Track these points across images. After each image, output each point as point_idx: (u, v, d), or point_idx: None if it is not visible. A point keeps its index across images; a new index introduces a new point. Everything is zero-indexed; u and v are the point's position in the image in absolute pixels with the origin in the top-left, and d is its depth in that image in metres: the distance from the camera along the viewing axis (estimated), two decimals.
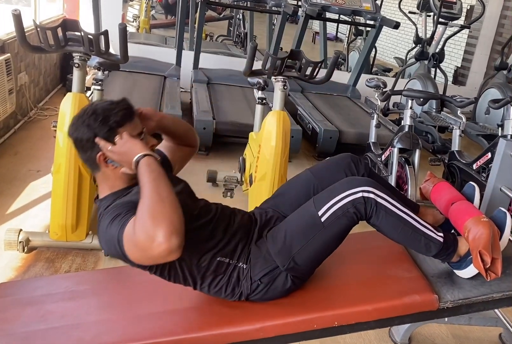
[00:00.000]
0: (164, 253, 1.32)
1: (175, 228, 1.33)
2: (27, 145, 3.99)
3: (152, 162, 1.46)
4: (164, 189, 1.40)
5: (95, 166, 1.58)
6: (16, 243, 2.58)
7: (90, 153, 1.55)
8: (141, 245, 1.34)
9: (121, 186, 1.59)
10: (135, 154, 1.48)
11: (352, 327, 1.70)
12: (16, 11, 2.33)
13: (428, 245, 1.70)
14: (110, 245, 1.47)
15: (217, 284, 1.66)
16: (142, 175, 1.44)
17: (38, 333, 1.68)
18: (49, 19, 5.50)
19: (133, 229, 1.36)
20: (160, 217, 1.33)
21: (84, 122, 1.53)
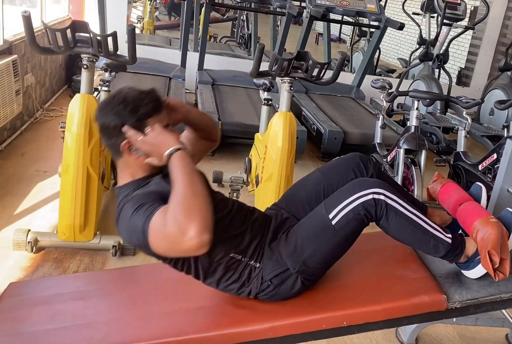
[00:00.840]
0: (194, 248, 1.33)
1: (207, 224, 1.34)
2: (33, 146, 4.01)
3: (185, 157, 1.47)
4: (198, 184, 1.42)
5: (118, 153, 1.59)
6: (25, 243, 2.59)
7: (116, 140, 1.55)
8: (171, 237, 1.34)
9: (141, 175, 1.60)
10: (168, 148, 1.48)
11: (360, 327, 1.70)
12: (26, 13, 2.34)
13: (437, 246, 1.71)
14: (132, 234, 1.47)
15: (227, 279, 1.66)
16: (176, 168, 1.45)
17: (48, 332, 1.69)
18: (55, 20, 5.52)
19: (163, 221, 1.36)
20: (193, 211, 1.34)
21: (113, 109, 1.53)
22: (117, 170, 1.66)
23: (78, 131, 2.55)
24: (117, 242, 2.65)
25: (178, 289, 1.88)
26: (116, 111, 1.53)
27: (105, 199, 3.22)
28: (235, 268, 1.65)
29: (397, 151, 3.32)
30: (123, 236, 1.56)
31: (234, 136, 4.35)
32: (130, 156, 1.57)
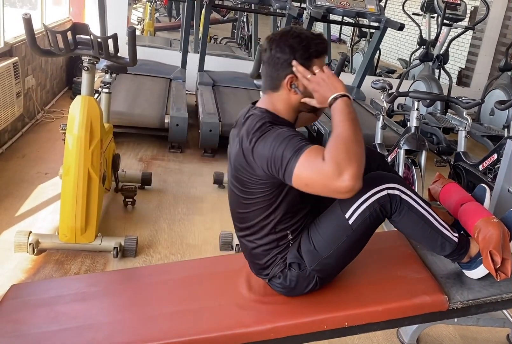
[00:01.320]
0: (344, 189, 1.35)
1: (361, 172, 1.37)
2: (34, 148, 4.02)
3: (351, 104, 1.51)
4: (360, 133, 1.45)
5: (276, 86, 1.60)
6: (26, 245, 2.59)
7: (281, 72, 1.57)
8: (326, 173, 1.36)
9: (284, 116, 1.61)
10: (335, 91, 1.51)
11: (362, 328, 1.71)
12: (27, 15, 2.35)
13: (444, 244, 1.71)
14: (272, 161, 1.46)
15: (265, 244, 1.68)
16: (341, 112, 1.48)
17: (50, 334, 1.69)
18: (55, 22, 5.53)
19: (320, 156, 1.38)
20: (355, 156, 1.37)
21: (287, 42, 1.55)
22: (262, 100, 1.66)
23: (79, 133, 2.55)
24: (118, 244, 2.66)
25: (179, 290, 1.89)
26: (290, 44, 1.55)
27: (106, 201, 3.22)
28: (280, 245, 1.67)
29: (397, 152, 3.32)
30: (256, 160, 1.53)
31: None
32: (287, 91, 1.59)
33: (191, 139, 4.56)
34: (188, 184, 3.74)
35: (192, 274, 2.01)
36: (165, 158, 4.21)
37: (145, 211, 3.24)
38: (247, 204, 1.66)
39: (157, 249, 2.82)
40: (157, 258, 2.74)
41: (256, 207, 1.64)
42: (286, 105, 1.62)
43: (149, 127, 4.36)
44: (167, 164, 4.06)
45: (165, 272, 2.08)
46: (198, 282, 1.94)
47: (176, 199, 3.48)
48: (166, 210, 3.30)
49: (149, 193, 3.50)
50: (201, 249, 2.87)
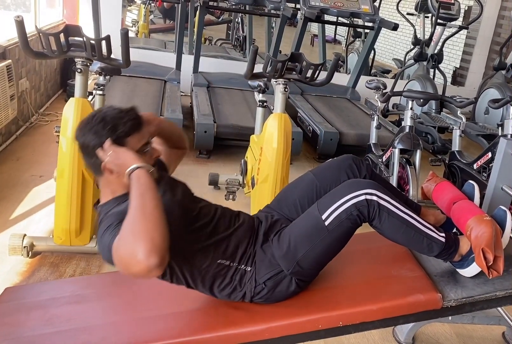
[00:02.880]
0: (144, 271, 1.31)
1: (155, 246, 1.30)
2: (29, 151, 4.01)
3: (142, 176, 1.45)
4: (150, 205, 1.39)
5: (99, 172, 1.58)
6: (21, 248, 2.58)
7: (96, 159, 1.54)
8: (123, 260, 1.35)
9: (123, 191, 1.58)
10: (128, 166, 1.47)
11: (357, 327, 1.71)
12: (19, 18, 2.34)
13: (430, 245, 1.71)
14: (104, 252, 1.47)
15: (219, 285, 1.67)
16: (132, 187, 1.44)
17: (45, 336, 1.69)
18: (49, 25, 5.52)
19: (117, 243, 1.37)
20: (140, 234, 1.32)
21: (92, 129, 1.52)
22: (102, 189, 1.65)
23: (72, 136, 2.54)
24: None
25: (173, 292, 1.88)
26: (95, 130, 1.52)
27: None
28: (224, 274, 1.66)
29: (392, 152, 3.32)
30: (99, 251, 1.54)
31: (229, 139, 4.36)
32: (110, 174, 1.55)
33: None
34: None
35: None
36: None
37: None
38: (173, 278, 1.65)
39: None
40: None
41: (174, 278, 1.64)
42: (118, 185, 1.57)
43: None
44: None
45: None
46: None
47: None
48: None
49: None
50: None
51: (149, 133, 1.62)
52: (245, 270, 1.67)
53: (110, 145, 1.50)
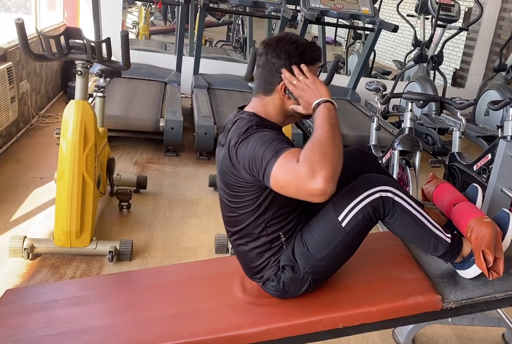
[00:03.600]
0: (316, 192, 1.33)
1: (336, 175, 1.35)
2: (29, 153, 4.01)
3: (333, 109, 1.52)
4: (339, 137, 1.45)
5: (269, 90, 1.62)
6: (21, 249, 2.59)
7: (275, 78, 1.60)
8: (300, 175, 1.35)
9: (273, 119, 1.63)
10: (319, 97, 1.53)
11: (356, 329, 1.71)
12: (19, 20, 2.35)
13: (437, 245, 1.72)
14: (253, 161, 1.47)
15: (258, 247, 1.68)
16: (321, 117, 1.48)
17: (45, 338, 1.69)
18: (49, 27, 5.53)
19: (296, 158, 1.37)
20: (330, 159, 1.35)
21: (284, 48, 1.58)
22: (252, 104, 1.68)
23: (73, 138, 2.55)
24: (114, 247, 2.65)
25: (174, 293, 1.89)
26: (286, 50, 1.58)
27: (101, 205, 3.23)
28: (273, 247, 1.68)
29: (392, 153, 3.33)
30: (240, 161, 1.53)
31: None
32: (280, 96, 1.61)
33: (186, 142, 4.56)
34: (184, 187, 3.74)
35: (186, 277, 2.01)
36: (161, 161, 4.21)
37: (141, 215, 3.24)
38: (236, 207, 1.66)
39: (152, 253, 2.82)
40: (153, 261, 2.74)
41: (245, 210, 1.64)
42: (277, 110, 1.64)
43: (144, 131, 4.36)
44: (163, 168, 4.07)
45: (159, 275, 2.08)
46: (193, 285, 1.94)
47: (171, 202, 3.48)
48: (161, 213, 3.30)
49: (144, 197, 3.50)
50: (196, 252, 2.87)
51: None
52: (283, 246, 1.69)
53: (308, 71, 1.57)
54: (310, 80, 1.56)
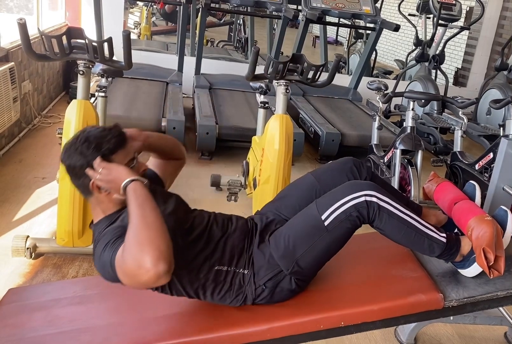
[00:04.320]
0: (153, 279, 1.33)
1: (162, 253, 1.33)
2: (31, 153, 4.03)
3: (138, 188, 1.47)
4: (150, 214, 1.41)
5: (88, 192, 1.59)
6: (24, 249, 2.60)
7: (83, 180, 1.56)
8: (130, 271, 1.36)
9: (113, 209, 1.60)
10: (122, 181, 1.49)
11: (358, 327, 1.71)
12: (22, 20, 2.36)
13: (432, 246, 1.72)
14: (104, 270, 1.49)
15: (219, 292, 1.67)
16: (129, 200, 1.46)
17: (47, 337, 1.70)
18: (51, 27, 5.54)
19: (122, 256, 1.38)
20: (146, 243, 1.34)
21: (77, 150, 1.53)
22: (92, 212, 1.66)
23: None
24: None
25: None
26: (80, 151, 1.53)
27: None
28: (223, 280, 1.66)
29: (393, 152, 3.33)
30: (99, 272, 1.55)
31: (231, 140, 4.38)
32: (100, 194, 1.57)
33: (188, 142, 4.56)
34: (186, 187, 3.75)
35: None
36: None
37: None
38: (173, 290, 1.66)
39: None
40: None
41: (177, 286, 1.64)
42: (108, 203, 1.60)
43: None
44: None
45: None
46: None
47: None
48: None
49: None
50: None
51: (134, 149, 1.63)
52: (243, 273, 1.67)
53: (100, 162, 1.52)
54: (106, 170, 1.51)
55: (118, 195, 1.55)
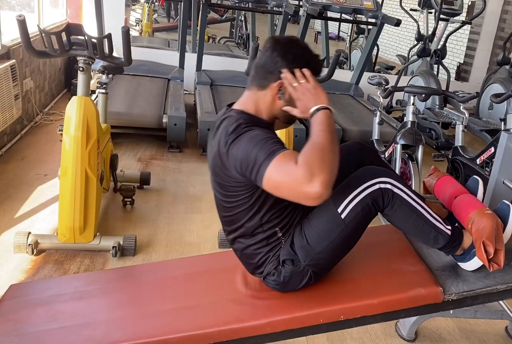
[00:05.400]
0: (312, 195, 1.34)
1: (333, 181, 1.36)
2: (33, 150, 4.03)
3: (331, 117, 1.52)
4: (337, 145, 1.45)
5: (264, 85, 1.60)
6: (25, 245, 2.61)
7: (274, 75, 1.58)
8: (297, 177, 1.35)
9: (263, 116, 1.62)
10: (319, 103, 1.53)
11: (358, 321, 1.72)
12: (21, 17, 2.36)
13: (437, 237, 1.72)
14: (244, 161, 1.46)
15: (255, 243, 1.68)
16: (321, 122, 1.48)
17: (49, 332, 1.70)
18: (53, 24, 5.55)
19: (293, 161, 1.37)
20: (328, 164, 1.37)
21: (292, 50, 1.58)
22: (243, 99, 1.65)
23: (75, 134, 2.56)
24: (117, 243, 2.67)
25: (176, 287, 1.90)
26: (293, 52, 1.58)
27: (105, 201, 3.24)
28: (270, 243, 1.68)
29: (394, 147, 3.32)
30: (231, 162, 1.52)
31: None
32: (272, 94, 1.60)
33: (189, 138, 4.57)
34: (187, 183, 3.75)
35: (188, 271, 2.02)
36: (164, 158, 4.22)
37: (144, 210, 3.26)
38: (231, 207, 1.67)
39: (156, 248, 2.83)
40: (156, 256, 2.75)
41: (240, 209, 1.65)
42: (266, 107, 1.62)
43: (147, 127, 4.37)
44: (166, 164, 4.08)
45: (161, 269, 2.09)
46: (195, 279, 1.95)
47: (175, 198, 3.49)
48: (165, 209, 3.31)
49: (148, 193, 3.51)
50: (200, 247, 2.88)
51: None
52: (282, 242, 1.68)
53: (311, 76, 1.57)
54: (312, 84, 1.55)
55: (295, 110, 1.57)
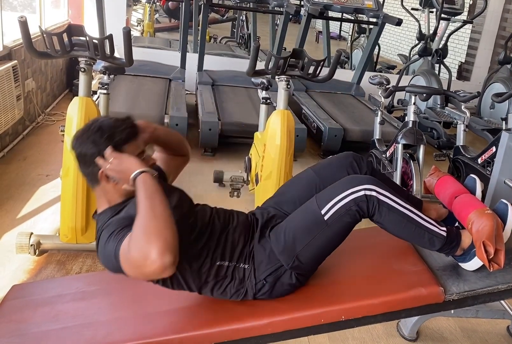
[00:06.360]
0: (158, 270, 1.34)
1: (168, 245, 1.34)
2: (35, 151, 4.04)
3: (148, 179, 1.48)
4: (159, 206, 1.42)
5: (95, 181, 1.60)
6: (28, 246, 2.62)
7: (92, 168, 1.56)
8: (135, 262, 1.36)
9: (118, 200, 1.61)
10: (132, 171, 1.49)
11: (359, 321, 1.72)
12: (22, 18, 2.37)
13: (432, 239, 1.72)
14: (108, 261, 1.49)
15: (220, 287, 1.68)
16: (139, 191, 1.46)
17: (51, 333, 1.71)
18: (54, 25, 5.56)
19: (128, 246, 1.38)
20: (153, 234, 1.35)
21: (89, 138, 1.54)
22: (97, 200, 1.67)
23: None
24: None
25: None
26: (92, 139, 1.54)
27: None
28: (224, 275, 1.67)
29: (395, 147, 3.33)
30: (101, 262, 1.57)
31: (234, 136, 4.38)
32: (107, 183, 1.58)
33: (191, 138, 4.55)
34: (189, 183, 3.75)
35: None
36: None
37: None
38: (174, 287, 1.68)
39: None
40: None
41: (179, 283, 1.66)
42: (114, 194, 1.60)
43: None
44: None
45: None
46: None
47: None
48: None
49: None
50: None
51: (144, 141, 1.64)
52: (244, 268, 1.68)
53: (112, 152, 1.53)
54: (117, 160, 1.51)
55: (126, 185, 1.55)
